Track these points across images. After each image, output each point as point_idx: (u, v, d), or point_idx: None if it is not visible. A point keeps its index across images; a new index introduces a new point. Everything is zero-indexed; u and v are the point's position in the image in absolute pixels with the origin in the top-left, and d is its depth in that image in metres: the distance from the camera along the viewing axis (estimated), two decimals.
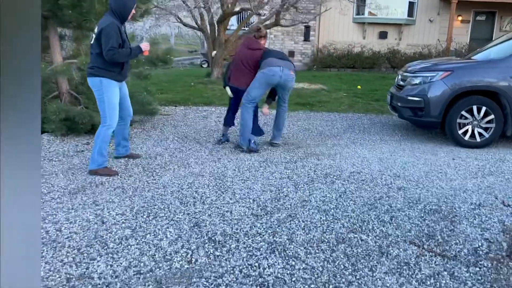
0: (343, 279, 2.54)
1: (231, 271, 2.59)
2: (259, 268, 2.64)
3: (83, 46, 6.32)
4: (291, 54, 16.51)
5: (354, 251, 2.88)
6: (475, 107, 5.82)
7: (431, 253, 2.88)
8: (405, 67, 6.91)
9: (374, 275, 2.60)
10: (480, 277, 2.62)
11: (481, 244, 3.03)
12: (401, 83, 6.45)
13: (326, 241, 3.01)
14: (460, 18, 16.79)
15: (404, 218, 3.42)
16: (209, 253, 2.80)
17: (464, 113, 5.85)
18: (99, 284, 2.42)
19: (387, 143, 6.07)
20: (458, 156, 5.42)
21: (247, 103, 5.28)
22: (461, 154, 5.54)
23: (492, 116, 5.79)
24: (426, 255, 2.85)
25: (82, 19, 5.50)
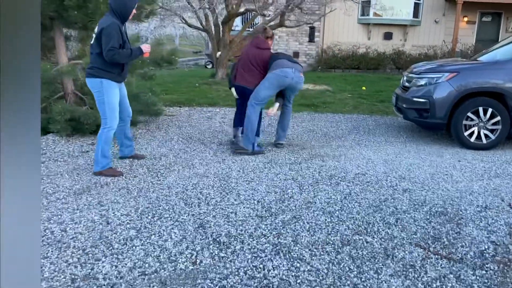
0: (348, 281, 2.52)
1: (236, 273, 2.58)
2: (263, 269, 2.63)
3: (88, 47, 6.33)
4: (296, 55, 16.48)
5: (359, 253, 2.86)
6: (481, 109, 5.78)
7: (437, 256, 2.85)
8: (411, 68, 6.88)
9: (380, 277, 2.58)
10: (486, 280, 2.59)
11: (487, 247, 3.00)
12: (407, 84, 6.42)
13: (331, 243, 2.99)
14: (465, 19, 16.70)
15: (410, 220, 3.39)
16: (213, 254, 2.79)
17: (470, 114, 5.81)
18: (104, 285, 2.42)
19: (392, 145, 6.04)
20: (464, 158, 5.39)
21: (256, 103, 5.21)
22: (467, 156, 5.50)
23: (498, 118, 5.75)
24: (432, 258, 2.83)
25: (87, 20, 5.52)
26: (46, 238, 2.95)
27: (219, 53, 12.02)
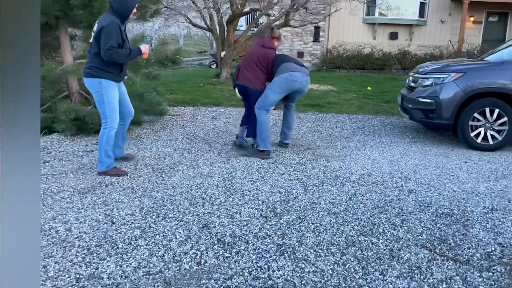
0: (353, 283, 2.50)
1: (240, 273, 2.57)
2: (268, 270, 2.61)
3: None
4: (300, 55, 16.47)
5: (364, 254, 2.83)
6: (487, 109, 5.74)
7: (443, 257, 2.83)
8: (416, 68, 6.84)
9: (385, 279, 2.56)
10: (493, 282, 2.56)
11: (494, 248, 2.97)
12: (412, 84, 6.38)
13: (336, 244, 2.97)
14: (472, 19, 16.61)
15: (416, 221, 3.37)
16: (218, 254, 2.78)
17: (476, 115, 5.77)
18: (109, 285, 2.41)
19: (398, 145, 6.00)
20: (470, 159, 5.35)
21: (265, 108, 5.10)
22: (473, 157, 5.46)
23: (505, 119, 5.70)
24: (438, 259, 2.80)
25: (92, 19, 5.51)
26: (51, 237, 2.95)
27: (223, 53, 12.02)
